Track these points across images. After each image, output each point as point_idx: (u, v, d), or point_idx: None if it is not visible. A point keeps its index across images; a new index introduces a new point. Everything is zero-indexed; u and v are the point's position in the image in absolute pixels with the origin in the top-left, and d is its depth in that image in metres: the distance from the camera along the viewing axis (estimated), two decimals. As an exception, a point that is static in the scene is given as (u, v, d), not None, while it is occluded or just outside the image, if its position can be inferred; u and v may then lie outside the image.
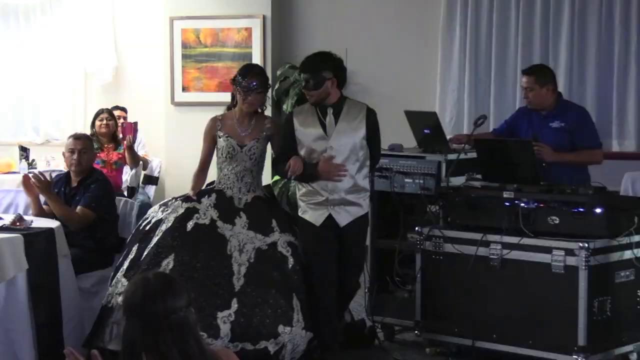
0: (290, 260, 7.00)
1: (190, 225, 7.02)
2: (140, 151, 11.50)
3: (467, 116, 10.84)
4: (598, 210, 7.07)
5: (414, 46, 11.36)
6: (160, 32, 12.28)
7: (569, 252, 6.91)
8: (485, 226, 7.21)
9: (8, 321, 6.96)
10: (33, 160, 11.44)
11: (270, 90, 11.67)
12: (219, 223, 7.03)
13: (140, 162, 11.23)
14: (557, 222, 6.99)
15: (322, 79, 6.81)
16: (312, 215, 6.90)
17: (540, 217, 7.11)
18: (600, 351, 7.06)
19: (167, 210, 7.28)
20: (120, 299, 6.57)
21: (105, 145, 10.76)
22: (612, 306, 7.05)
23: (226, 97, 11.79)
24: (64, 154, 8.19)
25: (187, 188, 12.11)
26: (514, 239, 7.09)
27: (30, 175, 7.82)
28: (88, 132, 10.98)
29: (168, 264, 6.84)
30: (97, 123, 10.84)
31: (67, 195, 7.94)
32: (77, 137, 8.14)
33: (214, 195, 7.25)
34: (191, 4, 12.01)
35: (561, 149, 7.74)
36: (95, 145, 10.57)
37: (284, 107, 11.72)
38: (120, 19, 12.67)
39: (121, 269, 7.12)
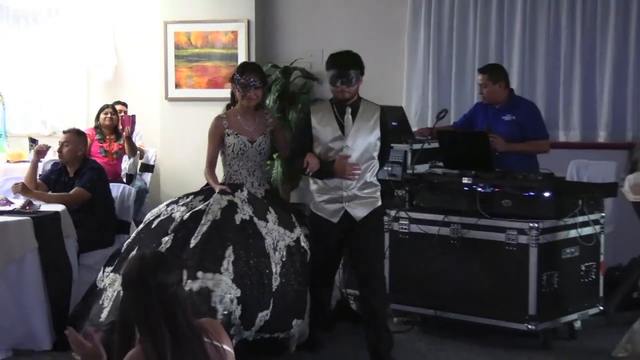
0: (309, 255, 6.67)
1: (238, 219, 6.48)
2: (138, 142, 11.50)
3: (430, 110, 10.82)
4: (546, 194, 7.14)
5: (383, 47, 11.35)
6: (156, 34, 12.22)
7: (521, 232, 6.99)
8: (447, 208, 7.28)
9: (21, 295, 7.02)
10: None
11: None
12: (255, 220, 6.54)
13: (138, 152, 11.25)
14: (510, 204, 7.05)
15: (357, 76, 6.50)
16: (328, 210, 6.51)
17: (495, 200, 7.18)
18: (549, 320, 7.12)
19: (190, 204, 6.78)
20: None
21: (108, 137, 10.80)
22: (559, 280, 7.11)
23: (215, 93, 11.87)
24: (60, 144, 8.25)
25: (179, 175, 12.17)
26: (472, 220, 7.18)
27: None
28: (92, 124, 11.04)
29: (229, 255, 6.33)
30: (102, 116, 10.89)
31: (66, 184, 7.97)
32: (63, 132, 8.24)
33: (246, 191, 6.71)
34: (183, 10, 11.97)
35: (512, 140, 7.80)
36: (99, 137, 10.73)
37: (267, 101, 11.67)
38: (120, 23, 12.62)
39: None
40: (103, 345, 3.68)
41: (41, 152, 8.31)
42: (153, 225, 6.68)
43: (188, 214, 6.55)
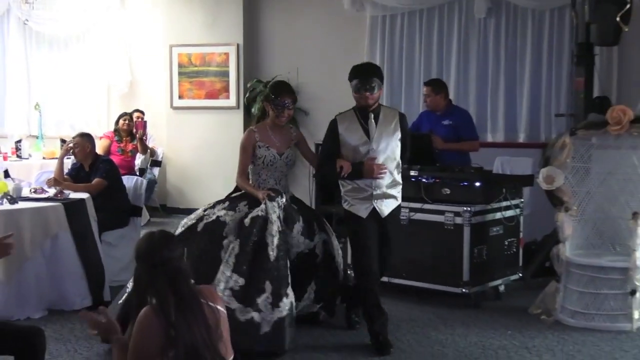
0: (320, 257, 6.25)
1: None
2: (150, 143, 11.57)
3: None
4: (477, 184, 7.19)
5: (346, 63, 11.12)
6: (163, 55, 12.23)
7: (457, 214, 7.02)
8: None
9: (54, 266, 7.03)
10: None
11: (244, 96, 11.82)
12: (284, 231, 6.00)
13: (148, 150, 11.25)
14: (448, 192, 7.08)
15: (377, 85, 5.95)
16: (359, 208, 5.95)
17: (436, 189, 7.22)
18: (479, 284, 7.17)
19: (236, 208, 6.11)
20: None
21: (124, 138, 10.81)
22: (487, 252, 7.16)
23: (210, 102, 11.92)
24: (71, 147, 8.23)
25: (181, 169, 12.17)
26: (417, 205, 7.20)
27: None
28: (112, 128, 11.05)
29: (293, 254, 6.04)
30: (121, 122, 10.91)
31: (85, 177, 7.99)
32: (77, 136, 8.26)
33: (285, 198, 6.15)
34: (185, 36, 11.98)
35: (450, 140, 7.90)
36: (117, 138, 10.77)
37: (253, 109, 11.69)
38: (134, 46, 12.58)
39: (227, 264, 5.76)
40: (118, 321, 3.69)
41: (69, 149, 8.31)
42: (199, 229, 6.03)
43: (249, 218, 5.91)
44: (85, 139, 8.13)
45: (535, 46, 10.70)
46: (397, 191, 6.09)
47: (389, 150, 5.98)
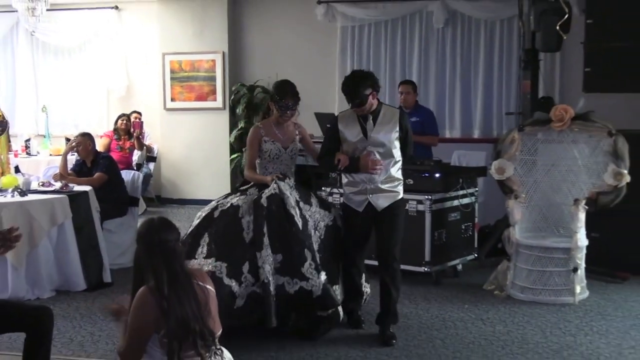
0: (342, 231, 5.84)
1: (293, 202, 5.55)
2: (147, 141, 11.59)
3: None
4: (437, 175, 7.21)
5: (320, 69, 11.35)
6: (156, 62, 12.13)
7: (419, 202, 7.04)
8: None
9: (60, 251, 7.02)
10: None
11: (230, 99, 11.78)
12: (301, 204, 5.60)
13: (144, 147, 11.24)
14: (411, 182, 7.03)
15: (365, 96, 5.46)
16: (355, 202, 5.66)
17: None
18: (439, 264, 7.20)
19: (247, 194, 5.70)
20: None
21: (122, 137, 10.76)
22: (446, 236, 7.18)
23: (199, 104, 11.89)
24: (74, 146, 8.19)
25: (174, 164, 12.12)
26: None
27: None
28: (111, 128, 11.00)
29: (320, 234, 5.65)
30: (119, 122, 10.87)
31: (87, 172, 7.95)
32: (78, 136, 8.22)
33: (291, 179, 5.78)
34: (176, 44, 11.91)
35: (416, 134, 7.85)
36: (116, 137, 10.75)
37: (237, 110, 11.66)
38: (130, 54, 12.48)
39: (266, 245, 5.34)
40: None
41: (72, 147, 8.27)
42: (215, 216, 5.59)
43: (265, 199, 5.47)
44: (87, 137, 8.10)
45: (487, 52, 10.78)
46: (394, 186, 5.70)
47: (386, 147, 5.61)
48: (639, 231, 7.42)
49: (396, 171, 5.71)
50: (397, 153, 5.67)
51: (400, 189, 5.76)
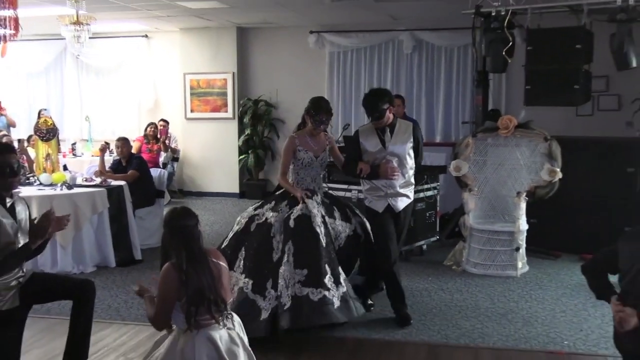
0: (362, 237, 5.28)
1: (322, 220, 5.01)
2: (173, 144, 11.65)
3: (340, 124, 10.81)
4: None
5: (312, 86, 11.31)
6: (178, 80, 12.11)
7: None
8: (349, 182, 6.86)
9: (99, 234, 7.01)
10: (111, 149, 11.33)
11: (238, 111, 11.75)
12: (327, 218, 5.06)
13: (169, 150, 11.25)
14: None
15: (383, 110, 5.13)
16: (376, 205, 5.26)
17: None
18: (408, 244, 7.17)
19: (278, 209, 5.12)
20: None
21: (151, 141, 10.76)
22: (414, 222, 7.11)
23: (214, 115, 11.84)
24: (114, 148, 8.25)
25: (193, 164, 12.09)
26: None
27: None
28: (142, 134, 10.97)
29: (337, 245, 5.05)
30: (148, 129, 10.92)
31: (123, 169, 7.94)
32: (119, 139, 8.18)
33: (318, 196, 5.24)
34: (195, 66, 11.88)
35: None
36: (146, 141, 10.76)
37: (244, 119, 11.64)
38: (157, 74, 12.45)
39: (288, 263, 4.80)
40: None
41: (103, 150, 8.23)
42: (252, 229, 5.06)
43: (292, 220, 4.93)
44: (126, 141, 8.09)
45: (447, 73, 10.80)
46: (409, 190, 5.38)
47: (402, 156, 5.24)
48: (568, 218, 7.46)
49: (410, 176, 5.37)
50: (411, 161, 5.33)
51: (412, 193, 5.44)
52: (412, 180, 5.40)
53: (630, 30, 7.02)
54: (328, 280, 4.73)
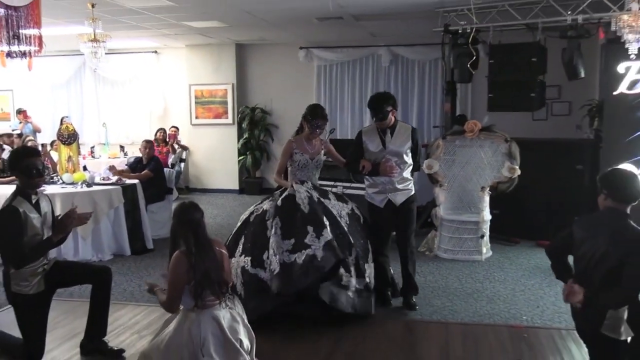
0: (362, 218, 5.05)
1: (315, 199, 4.82)
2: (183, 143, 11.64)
3: (326, 129, 10.80)
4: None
5: (302, 95, 11.30)
6: (185, 90, 12.03)
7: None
8: (336, 178, 6.98)
9: (115, 226, 6.98)
10: (126, 151, 11.31)
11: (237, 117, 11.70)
12: (322, 199, 4.85)
13: (177, 151, 11.24)
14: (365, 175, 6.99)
15: (387, 112, 4.96)
16: (377, 199, 5.12)
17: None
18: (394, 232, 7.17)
19: (272, 199, 4.97)
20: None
21: (160, 144, 10.73)
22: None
23: (216, 121, 11.78)
24: (140, 149, 8.15)
25: (197, 164, 12.03)
26: (347, 184, 7.03)
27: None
28: (152, 138, 10.91)
29: (325, 220, 4.69)
30: (158, 134, 10.96)
31: (141, 168, 7.90)
32: (145, 141, 8.10)
33: (309, 183, 5.05)
34: (199, 78, 11.79)
35: None
36: (156, 144, 10.63)
37: (243, 125, 11.61)
38: (166, 85, 12.38)
39: (284, 244, 4.59)
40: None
41: (112, 169, 7.88)
42: (251, 220, 4.90)
43: (280, 200, 4.83)
44: (150, 143, 8.09)
45: (420, 83, 10.80)
46: (407, 185, 5.14)
47: (401, 155, 5.06)
48: (526, 209, 7.49)
49: (408, 173, 5.18)
50: (408, 160, 5.14)
51: (412, 186, 5.20)
52: (410, 176, 5.21)
53: (579, 45, 7.08)
54: (309, 237, 4.55)
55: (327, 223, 4.66)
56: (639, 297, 3.07)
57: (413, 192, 5.19)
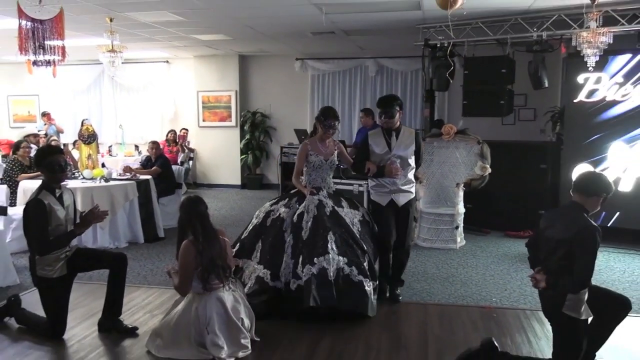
0: (372, 224, 4.73)
1: (327, 211, 4.50)
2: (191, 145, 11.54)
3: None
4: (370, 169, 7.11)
5: (297, 101, 11.30)
6: (193, 96, 11.98)
7: (359, 185, 6.88)
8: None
9: (130, 217, 6.92)
10: (140, 151, 11.26)
11: (239, 120, 11.66)
12: (336, 208, 4.55)
13: (186, 151, 11.18)
14: (354, 174, 6.96)
15: (395, 111, 4.71)
16: (380, 199, 4.80)
17: (348, 171, 6.90)
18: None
19: (289, 205, 4.65)
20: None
21: (171, 144, 10.66)
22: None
23: (221, 124, 11.73)
24: (147, 150, 8.15)
25: (204, 162, 11.99)
26: (338, 180, 6.96)
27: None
28: (164, 139, 10.87)
29: (331, 238, 4.37)
30: (169, 135, 10.88)
31: (151, 166, 7.88)
32: (151, 142, 8.09)
33: (324, 191, 4.71)
34: (206, 85, 11.74)
35: None
36: (167, 144, 10.63)
37: (245, 127, 11.58)
38: (176, 91, 12.32)
39: (289, 253, 4.36)
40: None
41: (126, 170, 7.72)
42: (268, 223, 4.57)
43: (295, 216, 4.52)
44: (157, 144, 8.06)
45: (403, 91, 10.78)
46: (410, 187, 4.86)
47: (404, 158, 4.79)
48: (496, 203, 7.52)
49: (411, 175, 4.90)
50: (412, 162, 4.86)
51: (414, 189, 4.94)
52: (413, 178, 4.94)
53: (543, 58, 7.11)
54: (330, 247, 4.30)
55: (330, 246, 4.33)
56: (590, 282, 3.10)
57: (414, 194, 4.97)
